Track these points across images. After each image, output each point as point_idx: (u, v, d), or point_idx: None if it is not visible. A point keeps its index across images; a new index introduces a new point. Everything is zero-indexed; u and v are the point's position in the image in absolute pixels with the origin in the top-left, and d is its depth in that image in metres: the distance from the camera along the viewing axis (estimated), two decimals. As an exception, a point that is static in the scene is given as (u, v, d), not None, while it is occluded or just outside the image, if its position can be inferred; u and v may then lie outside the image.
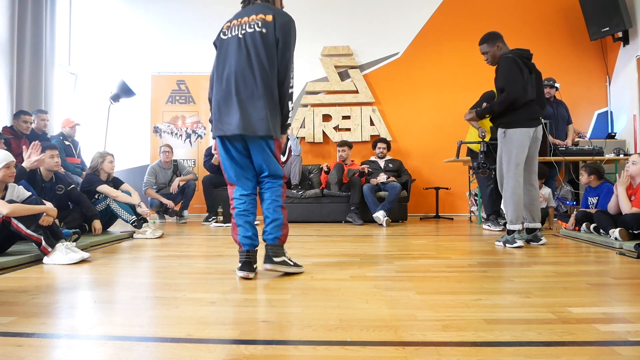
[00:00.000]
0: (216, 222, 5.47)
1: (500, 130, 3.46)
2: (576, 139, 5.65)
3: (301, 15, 6.74)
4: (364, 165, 5.89)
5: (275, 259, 2.36)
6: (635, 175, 3.56)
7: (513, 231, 3.40)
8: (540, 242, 3.54)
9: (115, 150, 5.00)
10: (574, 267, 2.67)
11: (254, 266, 2.37)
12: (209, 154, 5.93)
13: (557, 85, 5.34)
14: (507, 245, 3.41)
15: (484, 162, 4.02)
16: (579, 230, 3.99)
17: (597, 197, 4.03)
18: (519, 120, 3.36)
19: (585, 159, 5.07)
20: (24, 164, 3.54)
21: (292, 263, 2.41)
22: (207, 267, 2.73)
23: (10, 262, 2.71)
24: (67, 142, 5.34)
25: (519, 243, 3.37)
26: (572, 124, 5.47)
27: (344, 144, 5.98)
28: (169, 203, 5.60)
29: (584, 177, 4.13)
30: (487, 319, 1.61)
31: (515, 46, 3.55)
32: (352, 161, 6.07)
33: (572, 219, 4.13)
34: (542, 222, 4.29)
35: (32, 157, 3.54)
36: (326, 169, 5.92)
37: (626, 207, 3.48)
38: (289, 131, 5.95)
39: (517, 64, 3.33)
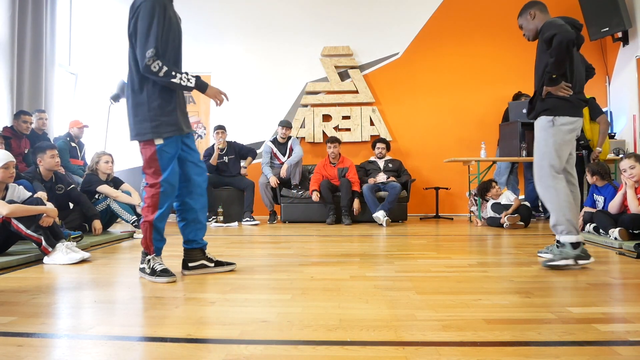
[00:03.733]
0: (216, 222, 5.47)
1: (546, 119, 2.64)
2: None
3: (301, 15, 6.85)
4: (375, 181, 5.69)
5: (140, 265, 2.43)
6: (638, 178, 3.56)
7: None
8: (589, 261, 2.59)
9: (115, 151, 5.00)
10: (574, 267, 2.66)
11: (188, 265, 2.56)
12: (207, 155, 5.93)
13: None
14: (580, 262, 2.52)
15: None
16: (583, 229, 3.97)
17: (603, 197, 4.03)
18: (567, 106, 2.63)
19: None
20: None
21: (148, 272, 2.34)
22: (207, 267, 2.72)
23: (10, 262, 2.71)
24: (73, 144, 5.34)
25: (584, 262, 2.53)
26: None
27: (334, 140, 5.80)
28: None
29: (589, 178, 4.14)
30: (487, 319, 1.61)
31: (516, 46, 3.48)
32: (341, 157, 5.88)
33: (579, 221, 4.07)
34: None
35: None
36: (316, 196, 5.53)
37: (633, 207, 3.49)
38: (284, 130, 5.94)
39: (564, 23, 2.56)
